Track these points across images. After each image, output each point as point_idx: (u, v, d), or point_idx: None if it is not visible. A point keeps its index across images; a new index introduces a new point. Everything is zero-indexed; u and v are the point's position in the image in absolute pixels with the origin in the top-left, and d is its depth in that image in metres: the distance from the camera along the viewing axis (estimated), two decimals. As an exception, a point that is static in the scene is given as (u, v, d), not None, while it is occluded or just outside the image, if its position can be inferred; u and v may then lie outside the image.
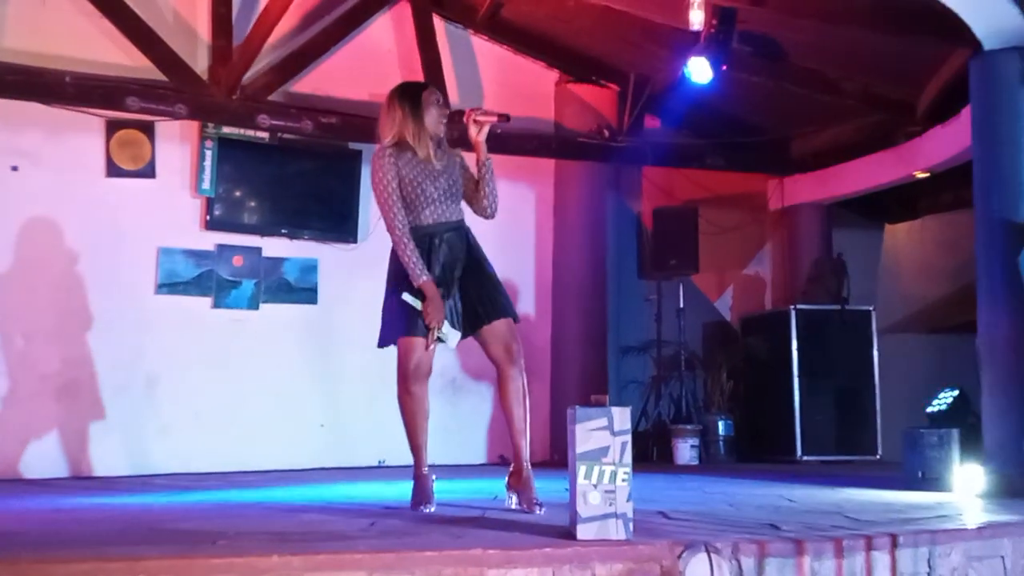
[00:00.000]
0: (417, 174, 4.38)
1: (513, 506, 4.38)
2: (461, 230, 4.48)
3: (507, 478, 4.48)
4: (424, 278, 4.28)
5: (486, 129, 4.42)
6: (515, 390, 4.47)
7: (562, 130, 8.50)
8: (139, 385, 7.14)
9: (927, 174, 8.04)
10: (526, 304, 8.41)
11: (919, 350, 9.10)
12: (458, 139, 4.64)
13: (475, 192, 4.50)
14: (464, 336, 4.46)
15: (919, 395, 6.93)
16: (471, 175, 4.53)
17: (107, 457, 6.95)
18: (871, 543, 3.31)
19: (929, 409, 6.29)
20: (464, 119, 4.44)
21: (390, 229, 4.38)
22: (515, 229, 8.26)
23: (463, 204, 4.56)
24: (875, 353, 8.37)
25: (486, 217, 4.54)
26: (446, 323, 4.32)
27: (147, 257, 7.24)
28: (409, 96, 4.49)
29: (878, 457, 8.15)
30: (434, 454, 4.56)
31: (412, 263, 4.30)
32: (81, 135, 7.12)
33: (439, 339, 4.32)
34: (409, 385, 4.39)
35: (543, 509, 4.24)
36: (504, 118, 4.47)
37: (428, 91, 4.53)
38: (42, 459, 6.77)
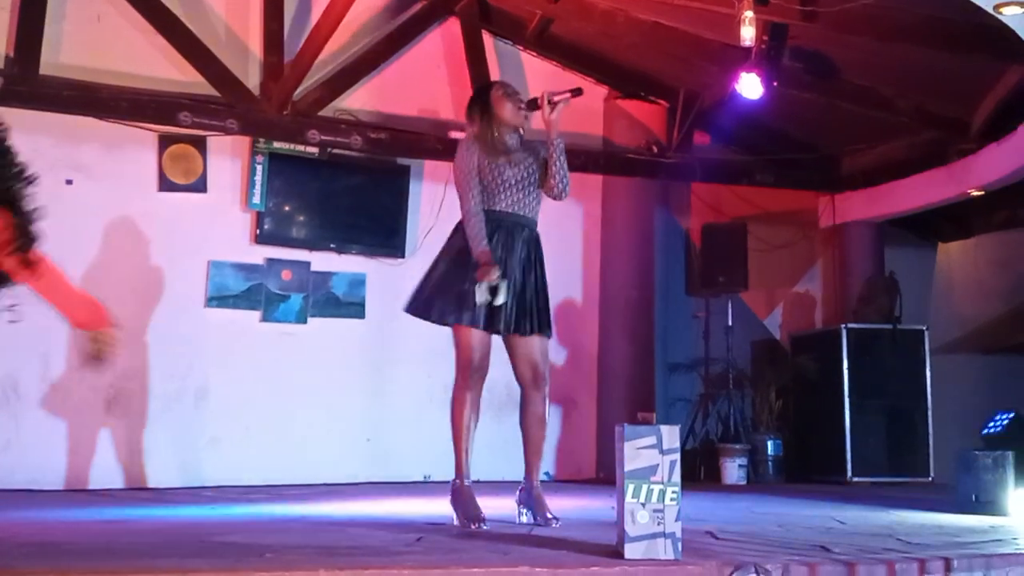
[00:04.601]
0: (497, 162, 4.47)
1: (523, 521, 4.46)
2: (534, 231, 4.54)
3: (517, 493, 4.56)
4: (483, 246, 4.35)
5: (559, 108, 4.51)
6: (537, 414, 4.55)
7: (610, 146, 8.48)
8: (189, 397, 7.21)
9: (981, 192, 7.93)
10: (573, 320, 8.38)
11: (973, 371, 8.96)
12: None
13: (545, 174, 4.58)
14: (501, 333, 4.47)
15: (973, 416, 6.82)
16: (544, 162, 4.60)
17: (159, 468, 7.02)
18: (924, 567, 3.25)
19: (983, 431, 6.19)
20: (539, 103, 4.53)
21: (463, 201, 4.48)
22: (562, 245, 8.24)
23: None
24: (927, 373, 8.24)
25: (555, 197, 4.64)
26: (500, 282, 4.32)
27: (198, 270, 7.31)
28: (478, 99, 4.68)
29: (930, 479, 8.02)
30: (479, 470, 4.56)
31: (475, 232, 4.39)
32: (134, 149, 7.21)
33: (489, 298, 4.31)
34: (469, 380, 4.39)
35: (559, 522, 4.36)
36: (576, 92, 4.59)
37: (496, 87, 4.67)
38: (97, 470, 6.86)
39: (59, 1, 6.99)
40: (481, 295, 4.31)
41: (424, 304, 4.49)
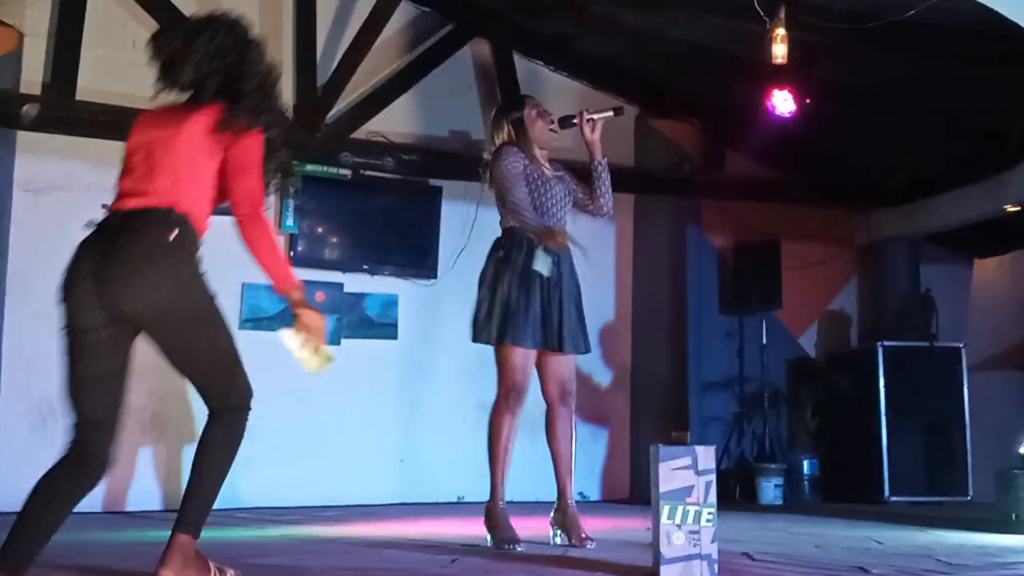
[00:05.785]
0: (542, 177, 4.47)
1: (558, 542, 4.40)
2: (568, 250, 4.54)
3: (552, 515, 4.53)
4: (540, 222, 4.38)
5: (600, 127, 4.51)
6: (564, 429, 4.55)
7: (642, 165, 8.47)
8: (224, 419, 7.22)
9: (1018, 208, 7.85)
10: (606, 339, 8.36)
11: (1011, 388, 8.84)
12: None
13: (589, 196, 4.59)
14: (536, 347, 4.45)
15: (1012, 434, 6.74)
16: (580, 184, 4.61)
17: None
18: (966, 588, 3.21)
19: (1022, 449, 6.12)
20: (576, 120, 4.53)
21: (513, 192, 4.43)
22: (595, 264, 8.23)
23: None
24: (965, 391, 8.16)
25: (602, 215, 4.71)
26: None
27: (232, 292, 7.34)
28: (511, 110, 4.64)
29: (969, 498, 7.93)
30: (513, 490, 4.54)
31: (530, 217, 4.39)
32: (169, 173, 7.26)
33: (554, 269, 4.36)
34: (512, 402, 4.38)
35: (593, 543, 4.34)
36: (618, 111, 4.60)
37: (529, 103, 4.63)
38: (134, 491, 6.90)
39: (95, 27, 7.07)
40: (545, 266, 4.34)
41: (480, 329, 4.47)
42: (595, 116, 4.55)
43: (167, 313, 3.14)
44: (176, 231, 3.23)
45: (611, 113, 4.60)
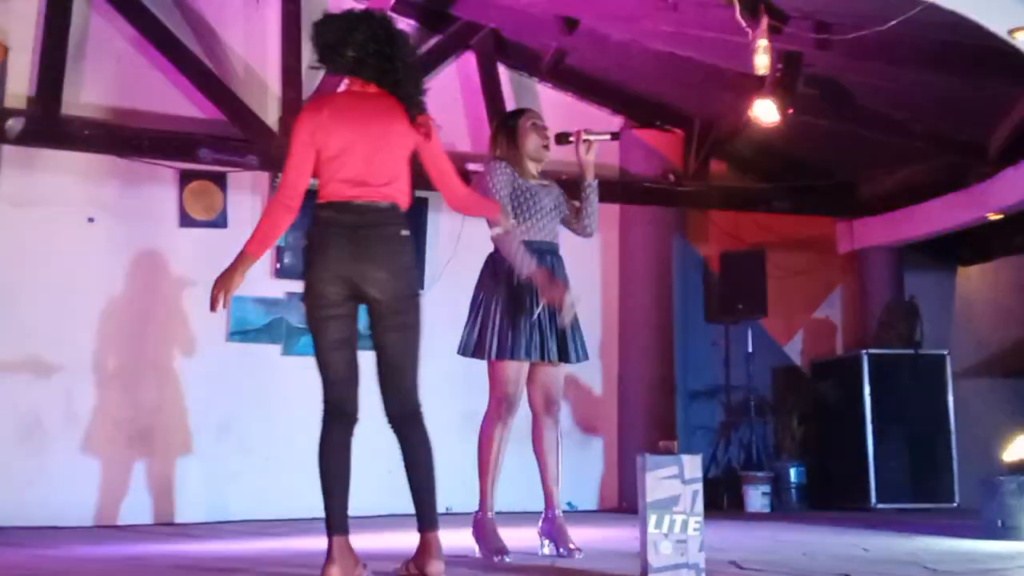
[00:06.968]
0: (529, 188, 4.47)
1: (546, 552, 4.40)
2: (560, 256, 4.55)
3: (540, 524, 4.52)
4: (534, 264, 4.27)
5: (595, 148, 4.52)
6: (549, 439, 4.56)
7: (627, 175, 8.50)
8: (211, 432, 7.22)
9: (1000, 216, 7.91)
10: (592, 349, 8.34)
11: (995, 395, 8.89)
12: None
13: (575, 214, 4.59)
14: (530, 358, 4.44)
15: (997, 441, 6.77)
16: (568, 201, 4.62)
17: (183, 503, 7.03)
18: (951, 595, 3.23)
19: (1007, 456, 6.14)
20: (573, 139, 4.54)
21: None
22: (580, 274, 8.17)
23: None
24: (950, 398, 8.20)
25: (586, 236, 4.70)
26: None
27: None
28: (507, 124, 4.65)
29: (955, 505, 7.96)
30: (500, 500, 4.56)
31: (517, 251, 4.29)
32: (155, 186, 7.27)
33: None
34: (504, 413, 4.39)
35: (581, 553, 4.32)
36: (614, 136, 4.61)
37: (526, 115, 4.63)
38: (126, 506, 6.88)
39: (80, 41, 7.08)
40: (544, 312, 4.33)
41: (475, 344, 4.46)
42: (591, 137, 4.55)
43: (400, 302, 3.59)
44: (406, 228, 3.66)
45: (608, 137, 4.61)
